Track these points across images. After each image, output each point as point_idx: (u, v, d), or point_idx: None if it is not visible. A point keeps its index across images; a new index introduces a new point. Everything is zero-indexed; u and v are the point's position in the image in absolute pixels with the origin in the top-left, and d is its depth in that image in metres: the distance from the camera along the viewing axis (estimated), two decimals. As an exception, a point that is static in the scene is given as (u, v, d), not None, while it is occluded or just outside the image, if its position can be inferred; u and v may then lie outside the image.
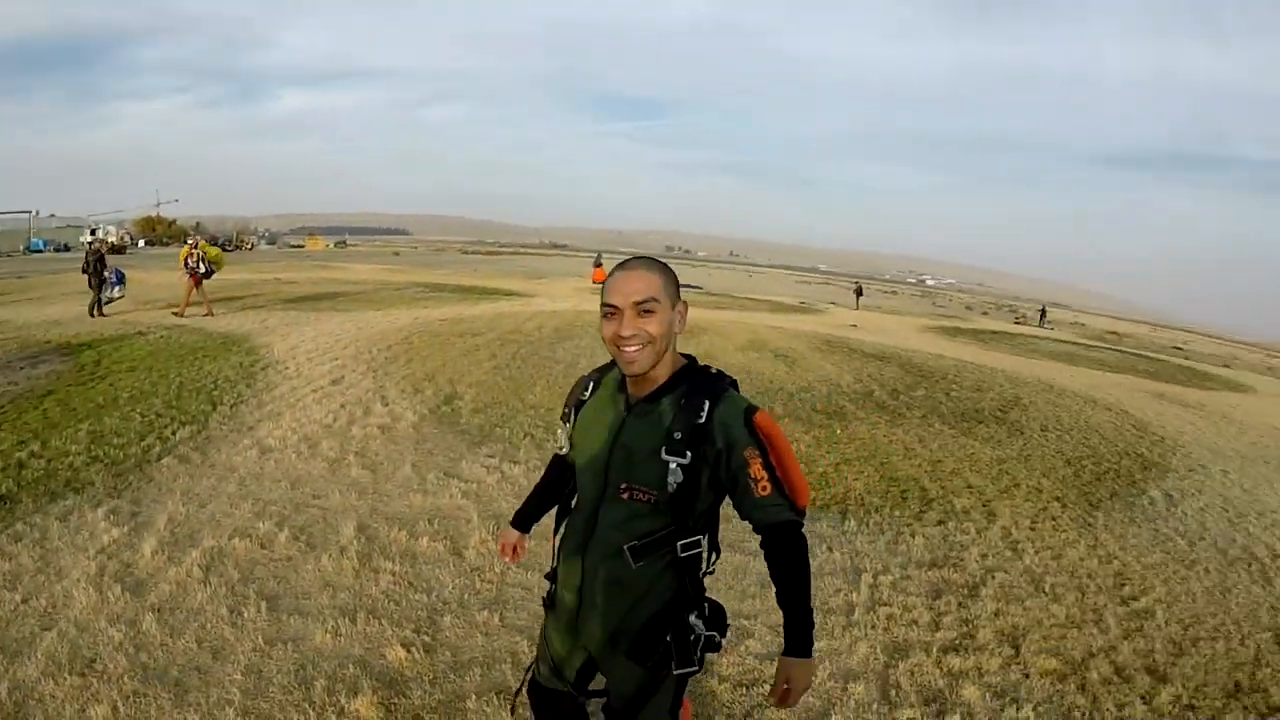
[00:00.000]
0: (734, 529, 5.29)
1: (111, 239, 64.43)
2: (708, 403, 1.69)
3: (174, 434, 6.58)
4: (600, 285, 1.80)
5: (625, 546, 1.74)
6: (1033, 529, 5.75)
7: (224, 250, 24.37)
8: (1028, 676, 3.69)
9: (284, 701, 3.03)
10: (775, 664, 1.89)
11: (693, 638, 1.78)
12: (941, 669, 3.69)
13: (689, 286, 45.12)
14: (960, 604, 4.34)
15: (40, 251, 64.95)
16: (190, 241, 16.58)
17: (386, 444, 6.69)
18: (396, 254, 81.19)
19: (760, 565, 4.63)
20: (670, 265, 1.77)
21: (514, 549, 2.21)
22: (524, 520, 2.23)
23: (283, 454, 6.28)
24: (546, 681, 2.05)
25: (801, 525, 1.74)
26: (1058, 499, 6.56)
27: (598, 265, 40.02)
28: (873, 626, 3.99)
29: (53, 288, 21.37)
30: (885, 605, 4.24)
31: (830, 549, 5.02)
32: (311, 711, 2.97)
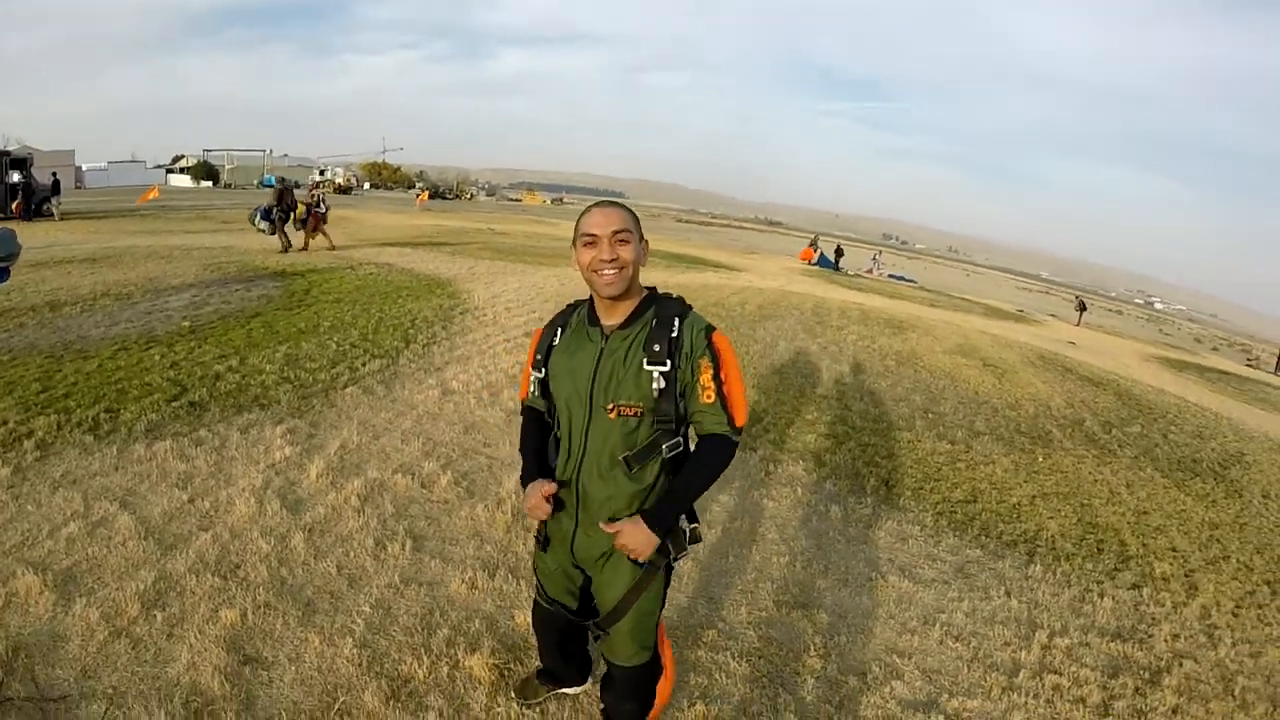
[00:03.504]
0: (906, 551, 4.99)
1: (339, 180, 72.90)
2: (677, 319, 2.11)
3: (364, 365, 7.19)
4: (807, 263, 1.80)
5: (621, 457, 2.09)
6: (1235, 615, 5.00)
7: (444, 199, 26.45)
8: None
9: (403, 643, 3.16)
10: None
11: (681, 529, 2.15)
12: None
13: (901, 279, 43.36)
14: (1138, 689, 3.84)
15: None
16: (316, 180, 18.27)
17: (567, 402, 6.88)
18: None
19: (926, 596, 4.33)
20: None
21: (549, 496, 2.17)
22: (540, 472, 2.28)
23: (463, 398, 6.64)
24: (549, 605, 2.43)
25: (736, 442, 2.11)
26: (1268, 583, 5.64)
27: (812, 246, 41.42)
28: (1035, 695, 3.60)
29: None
30: (1054, 673, 3.82)
31: (1009, 594, 4.61)
32: (426, 658, 3.06)
